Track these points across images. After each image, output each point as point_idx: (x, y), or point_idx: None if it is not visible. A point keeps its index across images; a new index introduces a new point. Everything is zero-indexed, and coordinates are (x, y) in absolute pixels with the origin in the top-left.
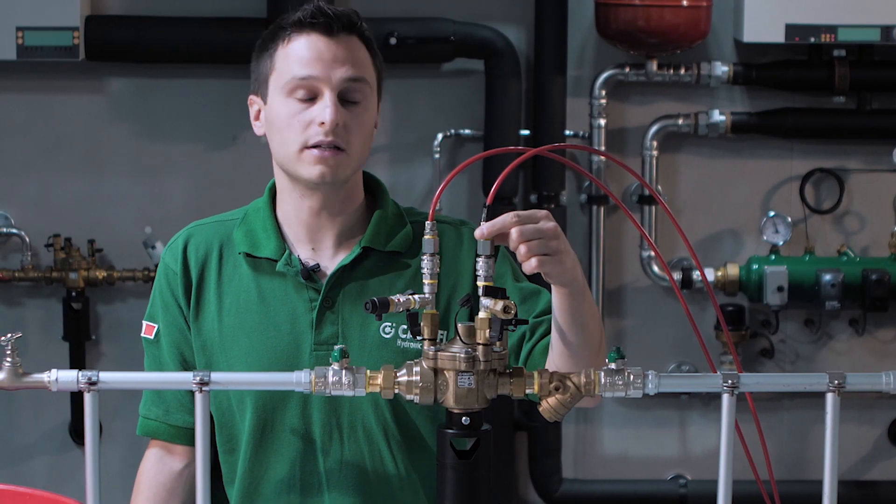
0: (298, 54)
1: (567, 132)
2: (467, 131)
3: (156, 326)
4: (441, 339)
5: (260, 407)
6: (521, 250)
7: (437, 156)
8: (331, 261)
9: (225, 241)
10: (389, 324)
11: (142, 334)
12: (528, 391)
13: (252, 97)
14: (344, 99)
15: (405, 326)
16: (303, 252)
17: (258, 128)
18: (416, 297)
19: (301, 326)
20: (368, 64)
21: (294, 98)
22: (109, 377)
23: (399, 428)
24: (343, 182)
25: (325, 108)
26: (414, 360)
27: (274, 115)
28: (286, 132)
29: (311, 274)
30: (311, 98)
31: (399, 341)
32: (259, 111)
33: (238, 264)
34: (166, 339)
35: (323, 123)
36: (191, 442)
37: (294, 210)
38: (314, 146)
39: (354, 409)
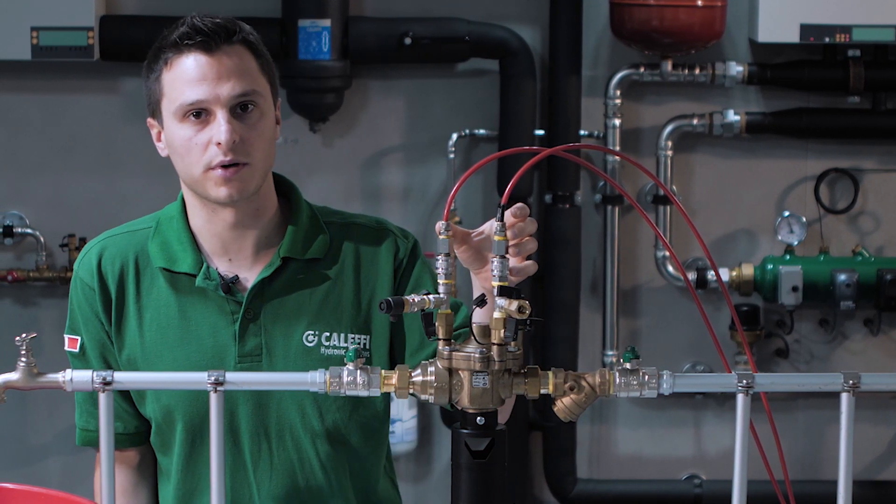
0: (182, 78)
1: (582, 132)
2: (482, 131)
3: (79, 339)
4: (364, 344)
5: (188, 422)
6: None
7: (451, 156)
8: (249, 271)
9: (140, 252)
10: (312, 332)
11: (65, 348)
12: (542, 391)
13: (150, 120)
14: (237, 111)
15: (328, 333)
16: (220, 264)
17: (161, 149)
18: (431, 297)
19: (224, 339)
20: (255, 70)
21: (188, 122)
22: (124, 377)
23: (327, 435)
24: (252, 194)
25: (219, 128)
26: (429, 360)
27: (173, 140)
28: (187, 156)
29: (230, 287)
30: (205, 117)
31: (322, 349)
32: (159, 133)
33: (155, 277)
34: (93, 353)
35: (220, 143)
36: (135, 444)
37: (206, 224)
38: (217, 166)
39: (282, 416)
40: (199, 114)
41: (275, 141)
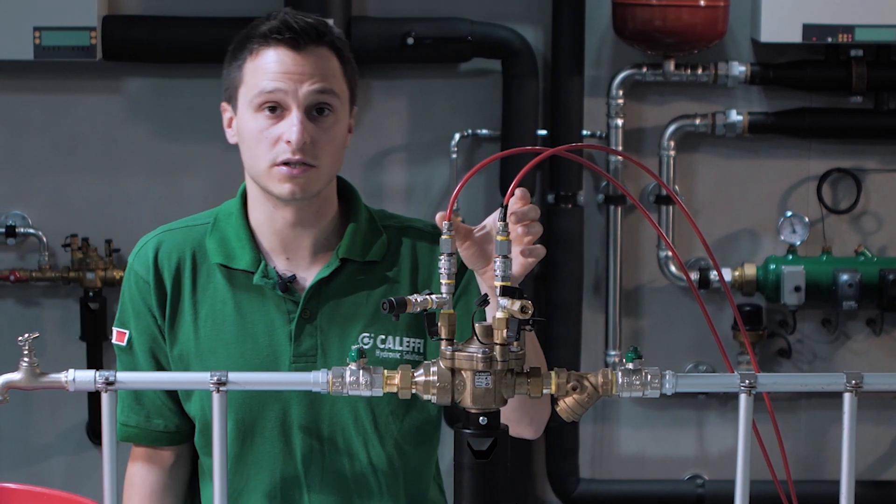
0: (265, 69)
1: (584, 132)
2: (485, 131)
3: (127, 333)
4: (418, 349)
5: (240, 420)
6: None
7: (454, 156)
8: (307, 271)
9: (197, 248)
10: (368, 334)
11: (113, 341)
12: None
13: (224, 104)
14: (312, 112)
15: (383, 336)
16: (278, 262)
17: (231, 136)
18: (434, 297)
19: (279, 339)
20: (338, 74)
21: (262, 113)
22: (126, 377)
23: (380, 439)
24: (314, 196)
25: (291, 126)
26: (431, 360)
27: (244, 129)
28: (255, 148)
29: (288, 286)
30: (280, 112)
31: (378, 351)
32: (231, 119)
33: (212, 273)
34: (140, 348)
35: (290, 142)
36: (173, 443)
37: (267, 220)
38: (283, 163)
39: (335, 418)
40: (274, 108)
41: (344, 147)
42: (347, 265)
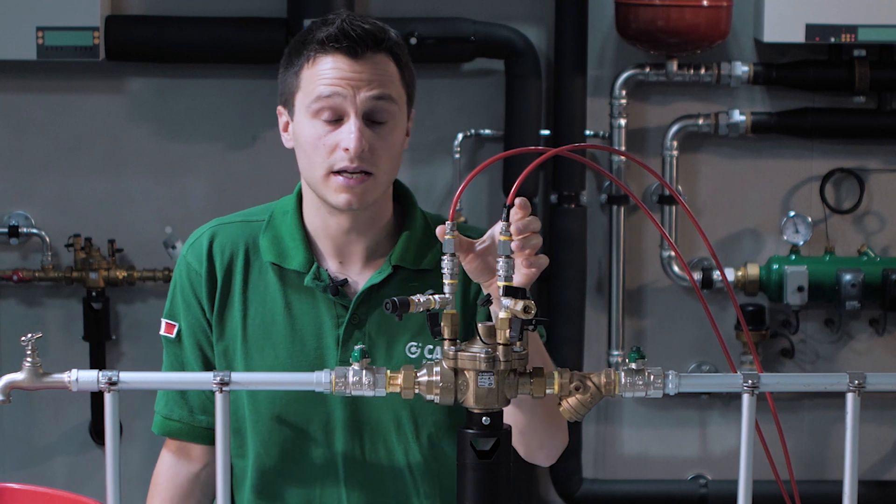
0: (323, 75)
1: (587, 132)
2: (487, 131)
3: (177, 325)
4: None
5: (283, 420)
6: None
7: (457, 156)
8: (359, 275)
9: (251, 244)
10: (416, 343)
11: (161, 333)
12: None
13: (280, 108)
14: (370, 119)
15: (431, 346)
16: (331, 264)
17: (287, 140)
18: (437, 297)
19: (327, 342)
20: (396, 80)
21: (320, 120)
22: (130, 377)
23: (420, 448)
24: (372, 204)
25: (349, 134)
26: (434, 360)
27: (300, 136)
28: (312, 155)
29: (339, 290)
30: (337, 119)
31: (425, 361)
32: (287, 123)
33: (264, 271)
34: (189, 340)
35: (348, 149)
36: (210, 442)
37: (322, 224)
38: (340, 171)
39: (377, 425)
40: (332, 116)
41: (401, 153)
42: (400, 272)
